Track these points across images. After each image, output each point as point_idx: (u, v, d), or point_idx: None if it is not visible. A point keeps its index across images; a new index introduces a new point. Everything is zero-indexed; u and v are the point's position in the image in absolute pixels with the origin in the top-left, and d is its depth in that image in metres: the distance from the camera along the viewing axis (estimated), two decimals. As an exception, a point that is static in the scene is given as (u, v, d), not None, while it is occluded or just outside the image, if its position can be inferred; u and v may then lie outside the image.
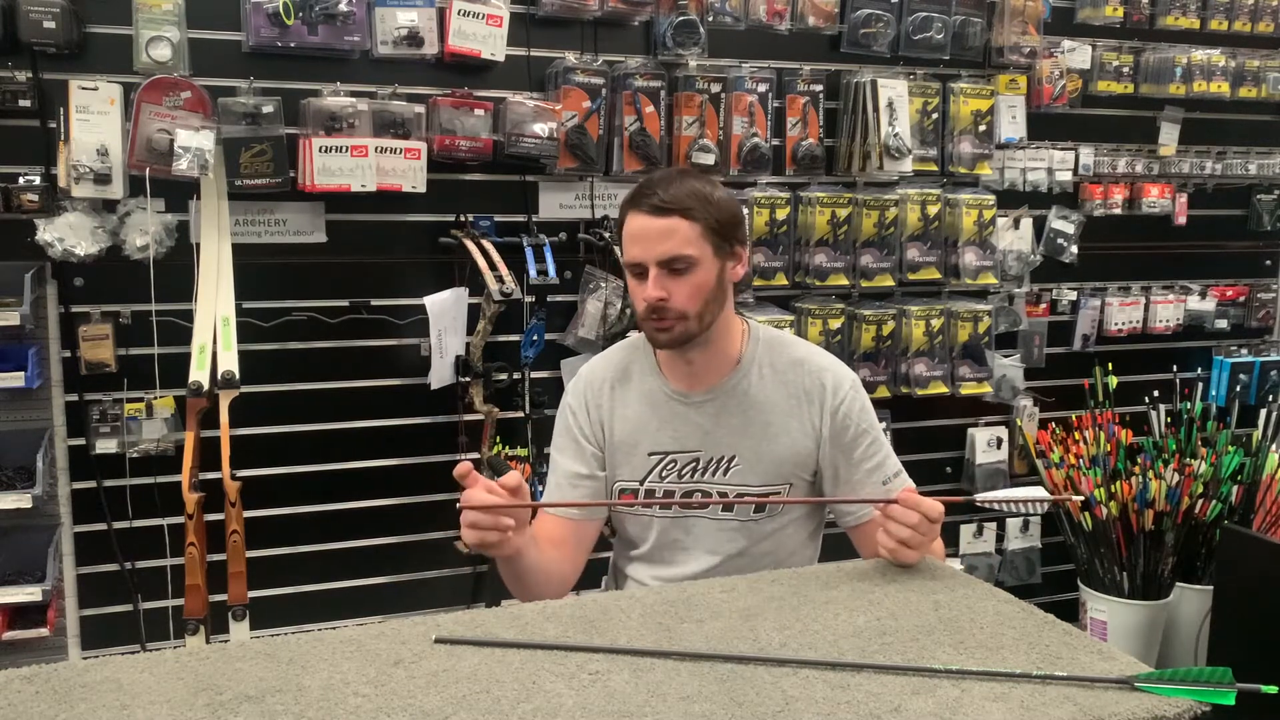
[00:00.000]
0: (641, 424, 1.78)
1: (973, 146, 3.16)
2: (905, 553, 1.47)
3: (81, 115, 2.34)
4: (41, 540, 2.44)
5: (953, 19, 3.11)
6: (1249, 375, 3.54)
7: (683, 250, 1.65)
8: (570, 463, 1.81)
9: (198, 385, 2.39)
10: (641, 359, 1.82)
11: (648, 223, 1.65)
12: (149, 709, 1.06)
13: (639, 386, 1.80)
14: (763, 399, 1.75)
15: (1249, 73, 3.47)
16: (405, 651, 1.20)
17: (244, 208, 2.55)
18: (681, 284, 1.66)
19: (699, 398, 1.76)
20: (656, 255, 1.65)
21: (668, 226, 1.64)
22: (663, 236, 1.64)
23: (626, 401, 1.80)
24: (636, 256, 1.67)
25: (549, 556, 1.69)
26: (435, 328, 2.66)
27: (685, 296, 1.66)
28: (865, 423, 1.76)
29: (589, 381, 1.84)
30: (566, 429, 1.84)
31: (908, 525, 1.47)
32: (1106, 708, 1.06)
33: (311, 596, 2.73)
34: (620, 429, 1.79)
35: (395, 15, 2.55)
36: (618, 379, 1.82)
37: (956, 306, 3.17)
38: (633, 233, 1.67)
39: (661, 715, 1.05)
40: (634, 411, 1.79)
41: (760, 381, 1.76)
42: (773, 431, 1.74)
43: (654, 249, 1.65)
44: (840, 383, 1.76)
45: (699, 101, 2.83)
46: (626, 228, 1.69)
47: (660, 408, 1.77)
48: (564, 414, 1.85)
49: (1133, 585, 3.12)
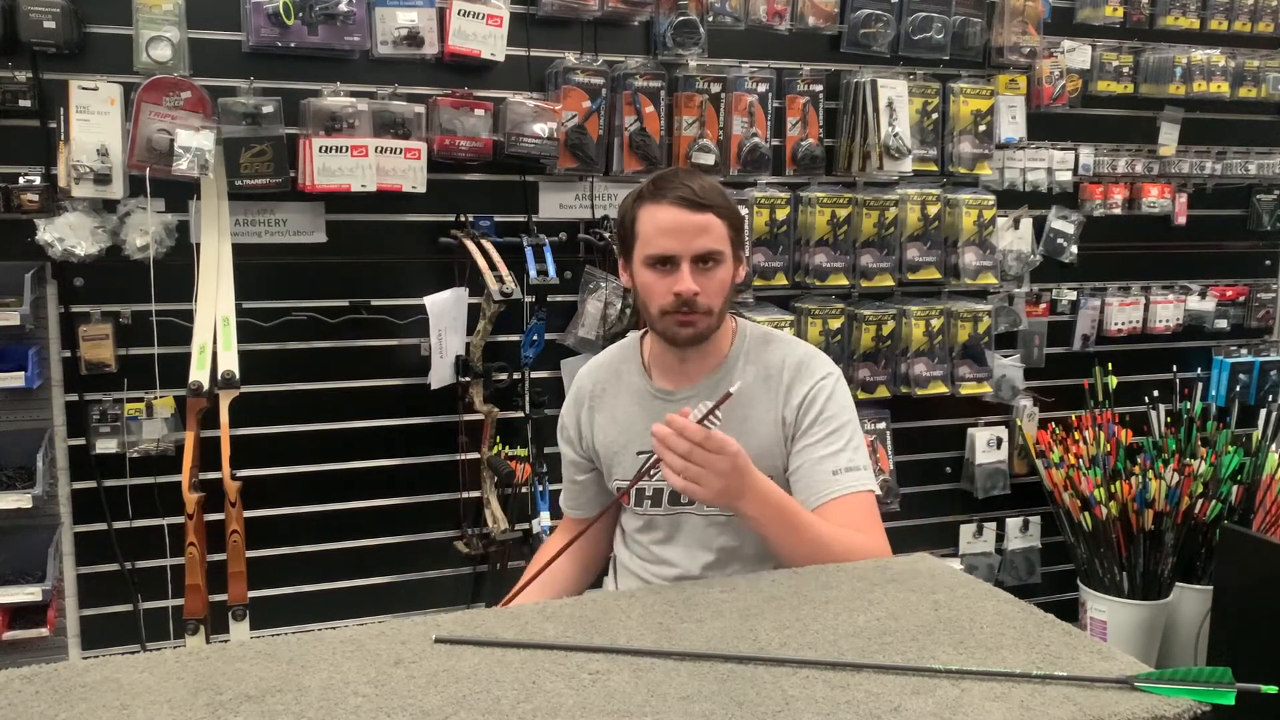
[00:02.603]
0: (629, 424, 1.79)
1: (973, 146, 3.16)
2: (688, 487, 1.44)
3: (81, 115, 2.34)
4: (41, 540, 2.44)
5: (953, 19, 3.11)
6: (1249, 375, 3.54)
7: (716, 246, 1.66)
8: (568, 468, 1.93)
9: (198, 385, 2.39)
10: (630, 358, 1.84)
11: (683, 216, 1.64)
12: (149, 709, 1.06)
13: (627, 387, 1.82)
14: (743, 394, 1.75)
15: (1249, 73, 3.48)
16: (405, 651, 1.20)
17: (244, 208, 2.55)
18: (710, 279, 1.67)
19: (683, 394, 1.76)
20: (692, 249, 1.64)
21: (704, 221, 1.65)
22: (699, 231, 1.64)
23: (616, 404, 1.82)
24: (668, 249, 1.65)
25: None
26: (435, 328, 2.66)
27: (713, 292, 1.67)
28: (830, 411, 1.71)
29: (576, 393, 1.89)
30: (561, 430, 1.92)
31: (677, 453, 1.43)
32: (1107, 708, 1.06)
33: (311, 596, 2.73)
34: (609, 433, 1.81)
35: (395, 15, 2.55)
36: (609, 381, 1.84)
37: (956, 306, 3.17)
38: (663, 225, 1.65)
39: (661, 715, 1.05)
40: (623, 413, 1.80)
41: (742, 377, 1.75)
42: (749, 426, 1.73)
43: (691, 242, 1.64)
44: (813, 373, 1.74)
45: (699, 101, 2.83)
46: (653, 219, 1.66)
47: (646, 406, 1.78)
48: (560, 419, 1.93)
49: (1133, 585, 3.12)
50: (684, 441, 1.42)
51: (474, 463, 2.76)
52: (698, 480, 1.44)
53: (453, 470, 2.80)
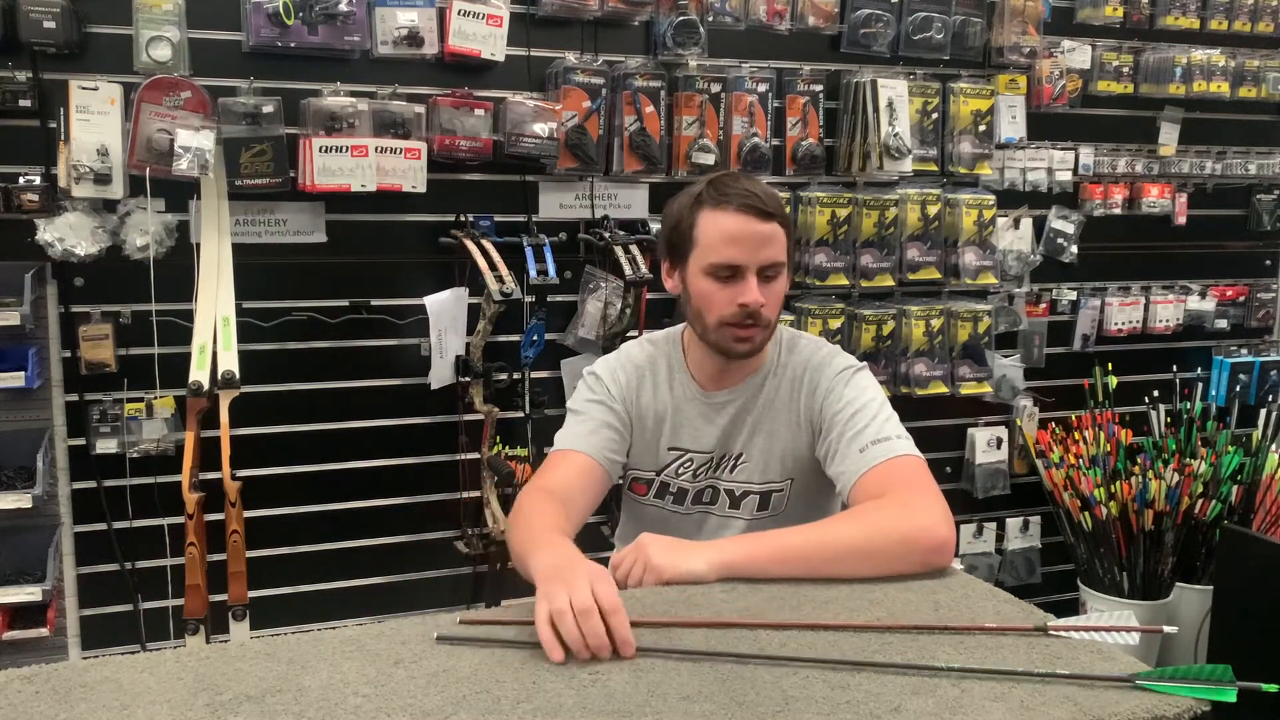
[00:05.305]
0: (664, 418, 1.77)
1: (973, 146, 3.16)
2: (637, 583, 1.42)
3: (81, 115, 2.34)
4: (41, 540, 2.44)
5: (953, 19, 3.11)
6: (1249, 375, 3.54)
7: (781, 257, 1.64)
8: (603, 413, 1.75)
9: (198, 385, 2.39)
10: (670, 356, 1.81)
11: (753, 226, 1.60)
12: (149, 709, 1.06)
13: (666, 382, 1.79)
14: (774, 398, 1.75)
15: (1249, 73, 3.47)
16: (405, 651, 1.20)
17: (244, 208, 2.55)
18: (772, 291, 1.65)
19: (721, 398, 1.76)
20: (760, 260, 1.62)
21: (770, 231, 1.62)
22: (767, 241, 1.62)
23: (655, 393, 1.79)
24: (736, 259, 1.61)
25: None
26: (435, 328, 2.66)
27: (774, 304, 1.66)
28: (850, 395, 1.68)
29: (626, 357, 1.80)
30: (597, 382, 1.78)
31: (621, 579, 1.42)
32: (1107, 708, 1.06)
33: (311, 596, 2.73)
34: (646, 417, 1.78)
35: (395, 15, 2.55)
36: (648, 369, 1.80)
37: (956, 306, 3.17)
38: (730, 233, 1.61)
39: (661, 715, 1.05)
40: (661, 404, 1.78)
41: (774, 381, 1.76)
42: (777, 428, 1.75)
43: (759, 253, 1.61)
44: (833, 369, 1.73)
45: (699, 101, 2.83)
46: (717, 226, 1.62)
47: (683, 406, 1.77)
48: (594, 383, 1.78)
49: (1133, 585, 3.12)
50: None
51: (474, 463, 2.76)
52: (637, 580, 1.42)
53: (453, 470, 2.80)
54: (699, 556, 1.42)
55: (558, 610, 1.19)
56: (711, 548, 1.45)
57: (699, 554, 1.43)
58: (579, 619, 1.18)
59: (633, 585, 1.41)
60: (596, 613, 1.18)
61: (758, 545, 1.45)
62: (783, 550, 1.43)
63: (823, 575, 1.41)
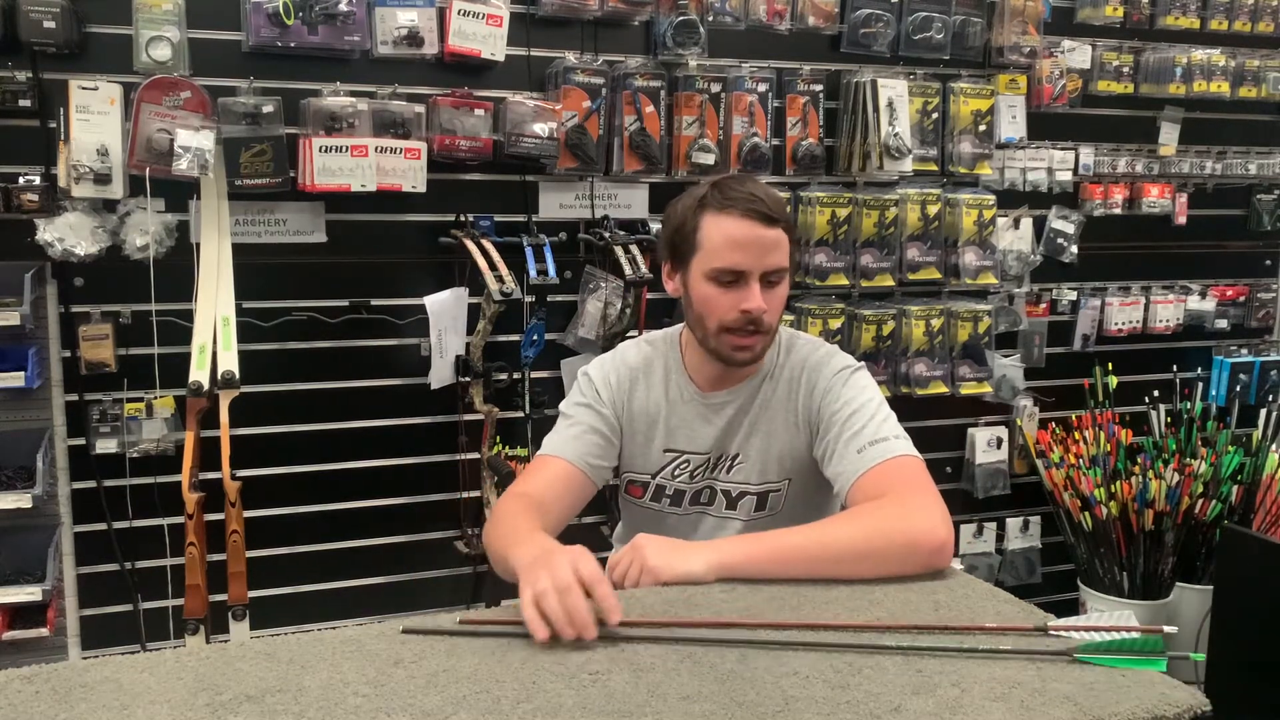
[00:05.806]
0: (658, 420, 1.77)
1: (973, 146, 3.16)
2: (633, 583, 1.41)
3: (81, 115, 2.34)
4: (41, 540, 2.44)
5: (953, 19, 3.11)
6: (1249, 375, 3.54)
7: (784, 263, 1.63)
8: (590, 418, 1.75)
9: (198, 385, 2.39)
10: (668, 357, 1.80)
11: (755, 230, 1.59)
12: (149, 709, 1.06)
13: (662, 384, 1.79)
14: (771, 398, 1.75)
15: (1249, 73, 3.47)
16: (405, 651, 1.20)
17: (244, 208, 2.55)
18: (774, 296, 1.64)
19: (718, 399, 1.76)
20: (764, 266, 1.61)
21: (775, 237, 1.61)
22: (772, 247, 1.61)
23: (649, 396, 1.78)
24: (740, 264, 1.60)
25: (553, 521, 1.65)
26: (435, 328, 2.66)
27: (776, 310, 1.65)
28: (847, 396, 1.67)
29: (614, 366, 1.79)
30: (589, 384, 1.79)
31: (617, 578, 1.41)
32: (1107, 708, 1.06)
33: (311, 596, 2.73)
34: (638, 420, 1.78)
35: (395, 15, 2.55)
36: (642, 370, 1.80)
37: (956, 306, 3.17)
38: (735, 238, 1.60)
39: (661, 715, 1.05)
40: (655, 406, 1.78)
41: (772, 381, 1.76)
42: (775, 428, 1.74)
43: (763, 259, 1.60)
44: (830, 369, 1.72)
45: (699, 101, 2.83)
46: (721, 230, 1.60)
47: (679, 407, 1.77)
48: (585, 385, 1.79)
49: (1133, 585, 3.12)
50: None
51: (474, 463, 2.76)
52: (633, 580, 1.41)
53: (453, 470, 2.80)
54: (697, 557, 1.42)
55: (540, 591, 1.21)
56: (709, 548, 1.45)
57: (696, 555, 1.43)
58: (560, 596, 1.20)
59: (629, 586, 1.41)
60: (578, 589, 1.21)
61: (756, 546, 1.45)
62: (781, 551, 1.43)
63: (821, 576, 1.40)
